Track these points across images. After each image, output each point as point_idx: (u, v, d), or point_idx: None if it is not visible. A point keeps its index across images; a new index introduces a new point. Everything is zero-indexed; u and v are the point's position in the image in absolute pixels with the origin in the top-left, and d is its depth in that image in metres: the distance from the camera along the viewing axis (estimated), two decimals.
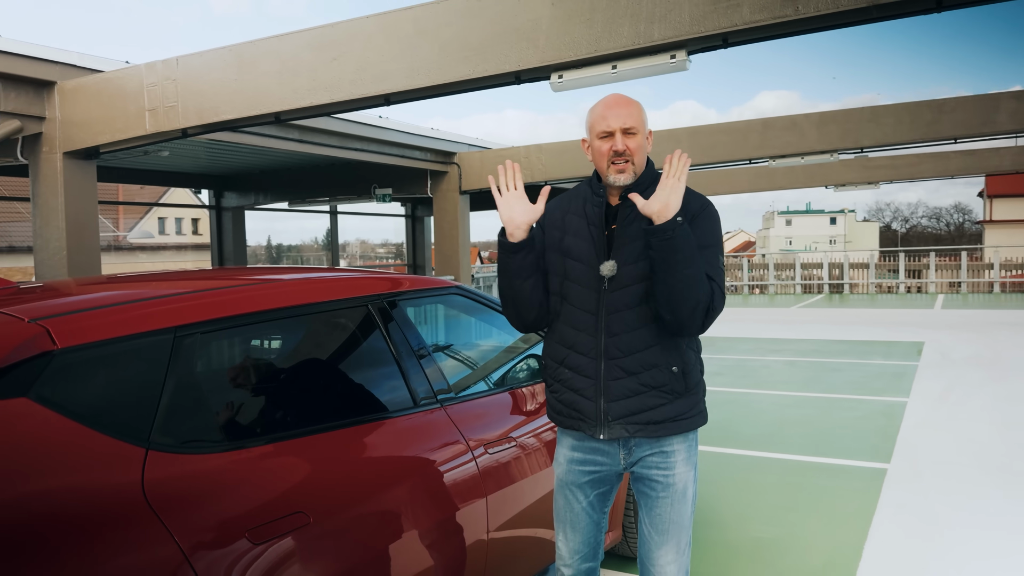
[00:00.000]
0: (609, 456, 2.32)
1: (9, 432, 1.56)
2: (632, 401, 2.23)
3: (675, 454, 2.30)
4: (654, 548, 2.32)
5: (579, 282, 2.27)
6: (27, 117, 5.55)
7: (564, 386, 2.31)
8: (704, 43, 3.48)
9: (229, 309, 2.10)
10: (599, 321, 2.24)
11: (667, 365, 2.24)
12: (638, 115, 2.25)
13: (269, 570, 1.79)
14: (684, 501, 2.32)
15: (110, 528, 1.57)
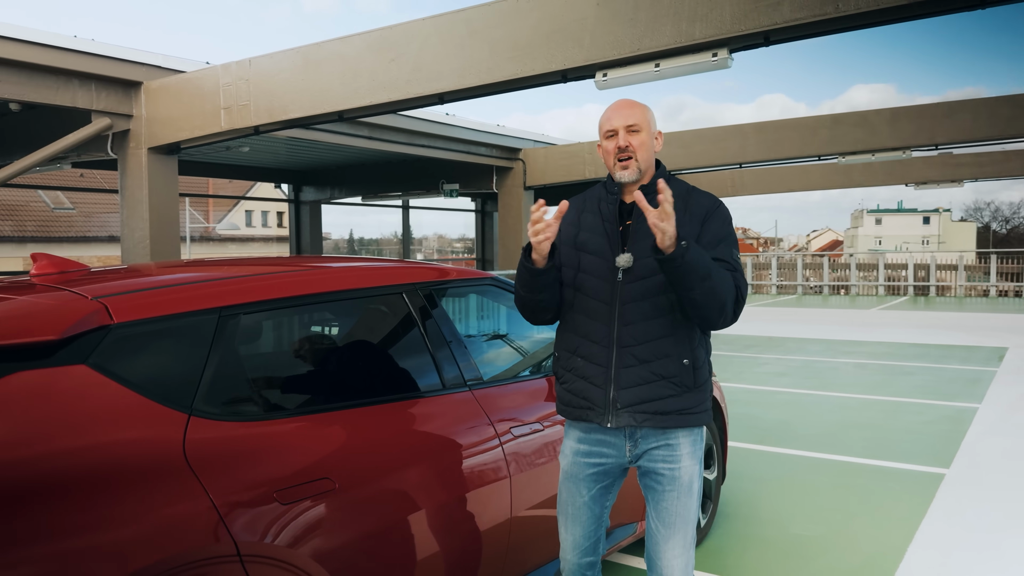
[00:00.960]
0: (615, 448, 2.38)
1: (69, 394, 1.79)
2: (642, 389, 2.30)
3: (680, 447, 2.36)
4: (661, 542, 2.37)
5: (594, 274, 2.36)
6: (116, 115, 5.98)
7: (575, 375, 2.39)
8: (745, 41, 3.51)
9: (269, 293, 2.30)
10: (613, 310, 2.32)
11: (679, 357, 2.31)
12: (642, 115, 2.36)
13: (295, 529, 1.97)
14: (690, 495, 2.37)
15: (153, 481, 1.78)
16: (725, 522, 4.39)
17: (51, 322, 1.85)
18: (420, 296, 2.74)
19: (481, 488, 2.57)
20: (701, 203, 2.39)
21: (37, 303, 1.97)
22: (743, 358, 10.77)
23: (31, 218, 27.59)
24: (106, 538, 1.65)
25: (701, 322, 2.31)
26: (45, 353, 1.80)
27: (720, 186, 13.61)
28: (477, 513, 2.54)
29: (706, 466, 4.18)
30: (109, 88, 5.94)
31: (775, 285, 25.33)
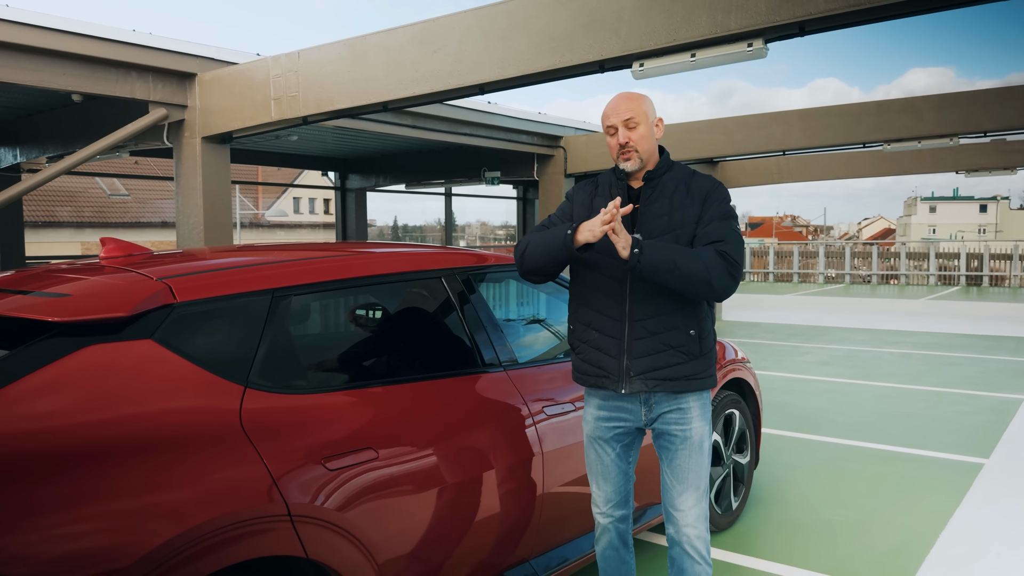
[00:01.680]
0: (631, 413, 2.58)
1: (137, 366, 1.96)
2: (653, 358, 2.49)
3: (691, 410, 2.55)
4: (676, 496, 2.57)
5: (606, 254, 2.52)
6: (172, 105, 6.23)
7: (590, 346, 2.57)
8: (780, 31, 3.55)
9: (318, 276, 2.46)
10: (625, 287, 2.51)
11: (686, 328, 2.51)
12: (639, 109, 2.54)
13: (340, 494, 2.13)
14: (701, 452, 2.56)
15: (212, 446, 1.95)
16: (757, 506, 4.46)
17: (121, 300, 2.03)
18: (458, 280, 2.88)
19: (513, 463, 2.70)
20: (702, 185, 2.60)
21: (108, 283, 2.15)
22: (785, 347, 10.73)
23: (88, 204, 28.50)
24: (169, 496, 1.82)
25: (698, 298, 2.52)
26: (116, 328, 1.98)
27: (765, 173, 13.46)
28: (509, 487, 2.68)
29: (739, 450, 4.26)
30: (165, 80, 6.18)
31: (822, 274, 24.94)
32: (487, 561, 2.63)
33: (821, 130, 8.31)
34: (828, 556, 3.76)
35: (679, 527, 2.58)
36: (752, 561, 3.72)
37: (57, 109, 8.08)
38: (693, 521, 2.56)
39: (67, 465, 1.74)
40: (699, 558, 2.57)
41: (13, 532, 1.59)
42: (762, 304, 17.29)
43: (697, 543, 2.56)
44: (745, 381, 4.32)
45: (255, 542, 1.91)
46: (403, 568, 2.30)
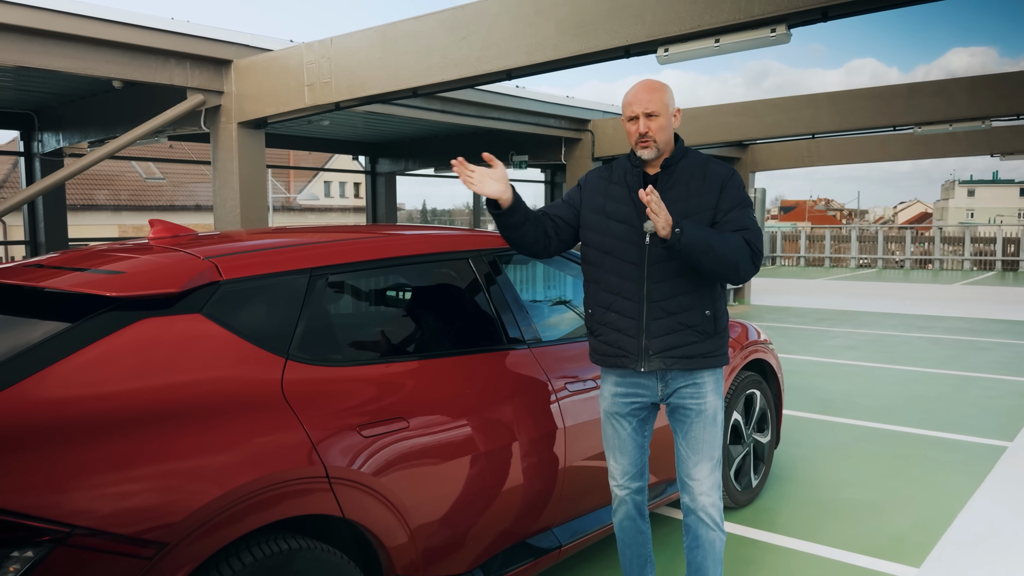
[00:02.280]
0: (648, 388, 2.69)
1: (186, 337, 2.12)
2: (670, 338, 2.60)
3: (705, 385, 2.66)
4: (691, 466, 2.68)
5: (623, 239, 2.63)
6: (209, 91, 6.42)
7: (610, 328, 2.68)
8: (803, 17, 3.59)
9: (352, 256, 2.60)
10: (642, 270, 2.61)
11: (701, 308, 2.61)
12: (660, 100, 2.61)
13: (373, 459, 2.27)
14: (715, 425, 2.68)
15: (256, 412, 2.10)
16: (778, 484, 4.55)
17: (172, 278, 2.18)
18: (485, 262, 3.00)
19: (537, 436, 2.83)
20: (718, 172, 2.67)
21: (160, 262, 2.31)
22: (813, 331, 10.71)
23: (125, 187, 29.06)
24: (216, 458, 1.97)
25: (722, 281, 2.65)
26: (167, 303, 2.14)
27: (796, 156, 13.39)
28: (533, 458, 2.81)
29: (759, 430, 4.35)
30: (202, 66, 6.36)
31: (855, 259, 24.67)
32: (511, 528, 2.77)
33: (851, 113, 8.28)
34: (846, 533, 3.84)
35: (694, 496, 2.69)
36: (771, 536, 3.82)
37: (98, 95, 8.33)
38: (707, 490, 2.67)
39: (125, 428, 1.89)
40: (713, 525, 2.68)
41: (78, 488, 1.75)
42: (792, 288, 17.20)
43: (711, 511, 2.67)
44: (767, 362, 4.40)
45: (296, 501, 2.07)
46: (433, 531, 2.44)
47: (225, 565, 1.92)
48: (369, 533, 2.25)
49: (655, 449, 3.06)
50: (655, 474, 3.50)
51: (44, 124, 9.52)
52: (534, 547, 2.86)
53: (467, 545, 2.59)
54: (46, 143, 9.54)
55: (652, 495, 3.52)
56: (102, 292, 2.10)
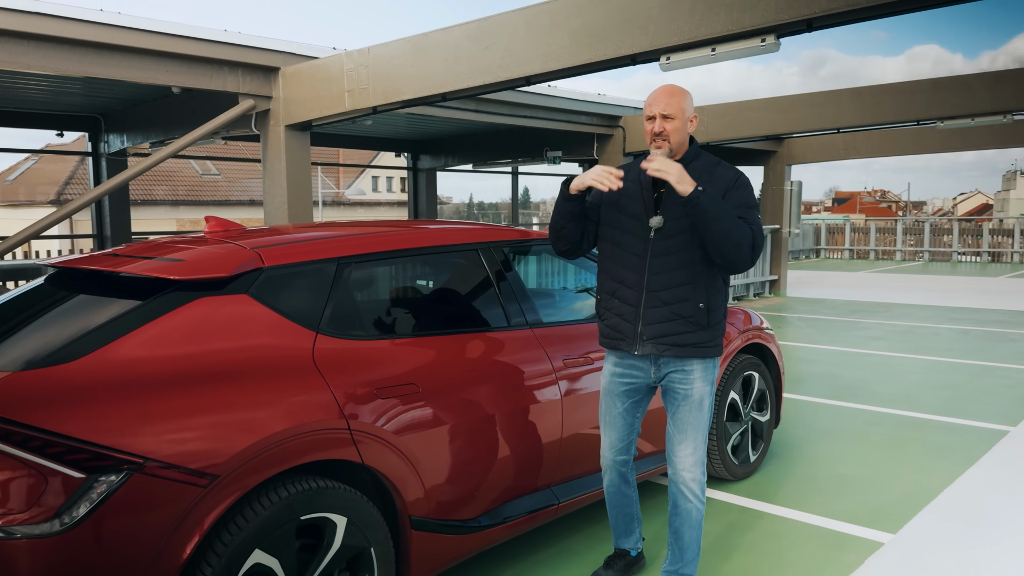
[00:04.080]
0: (642, 371, 3.01)
1: (236, 313, 2.58)
2: (664, 326, 2.91)
3: (693, 372, 2.95)
4: (676, 444, 3.01)
5: (630, 232, 2.95)
6: (259, 97, 6.96)
7: (612, 313, 3.01)
8: (789, 28, 3.91)
9: (375, 247, 3.05)
10: (645, 262, 2.91)
11: (695, 301, 2.89)
12: (678, 104, 2.91)
13: (388, 417, 2.71)
14: (700, 409, 2.97)
15: (291, 375, 2.56)
16: (776, 461, 4.87)
17: (224, 264, 2.65)
18: (492, 252, 3.42)
19: (536, 405, 3.24)
20: (724, 176, 2.94)
21: (213, 251, 2.78)
22: (843, 322, 10.86)
23: (182, 184, 30.27)
24: (257, 409, 2.42)
25: (725, 264, 2.85)
26: (220, 285, 2.61)
27: (831, 149, 13.47)
28: (532, 424, 3.22)
29: (759, 409, 4.68)
30: (253, 73, 6.91)
31: (900, 251, 24.38)
32: (513, 483, 3.19)
33: (874, 108, 8.44)
34: (833, 504, 4.16)
35: (677, 470, 3.01)
36: (762, 505, 4.16)
37: (159, 100, 8.99)
38: (689, 467, 2.98)
39: (184, 384, 2.36)
40: (692, 497, 3.00)
41: (149, 430, 2.22)
42: (831, 281, 17.20)
43: (692, 485, 2.98)
44: (767, 347, 4.72)
45: (323, 448, 2.51)
46: (441, 481, 2.87)
47: (265, 497, 2.38)
48: (385, 479, 2.70)
49: (653, 424, 3.43)
50: (653, 444, 3.88)
51: (109, 126, 10.25)
52: (534, 502, 3.28)
53: (472, 495, 3.02)
54: (111, 144, 10.28)
55: (649, 464, 3.89)
56: (167, 276, 2.58)
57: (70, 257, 3.03)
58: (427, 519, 2.83)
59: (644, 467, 3.83)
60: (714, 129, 10.01)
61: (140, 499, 2.16)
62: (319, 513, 2.48)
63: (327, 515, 2.50)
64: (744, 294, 13.80)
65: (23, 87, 8.30)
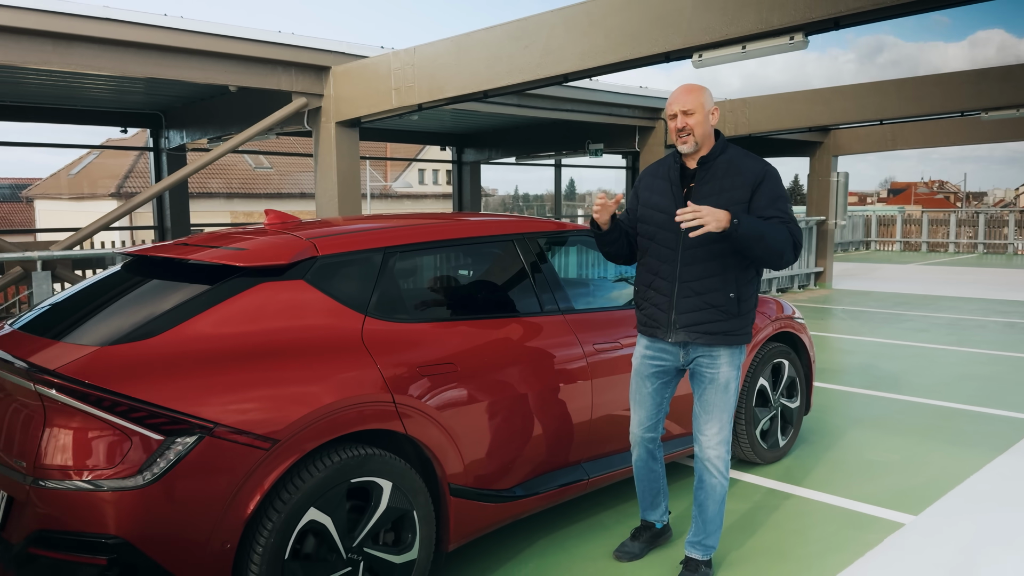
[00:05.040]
0: (672, 355, 3.21)
1: (293, 297, 2.86)
2: (695, 315, 3.09)
3: (720, 358, 3.13)
4: (702, 423, 3.20)
5: (663, 227, 3.13)
6: (311, 95, 7.29)
7: (649, 303, 3.21)
8: (817, 26, 4.04)
9: (418, 238, 3.30)
10: (677, 255, 3.10)
11: (725, 291, 3.07)
12: (697, 100, 3.07)
13: (429, 393, 2.96)
14: (726, 392, 3.15)
15: (341, 353, 2.82)
16: (807, 447, 5.01)
17: (283, 252, 2.93)
18: (526, 243, 3.65)
19: (568, 385, 3.47)
20: (752, 170, 3.08)
21: (273, 241, 3.07)
22: (888, 314, 10.81)
23: (236, 177, 31.12)
24: (311, 384, 2.69)
25: (764, 266, 3.05)
26: (280, 272, 2.88)
27: (879, 139, 13.33)
28: (563, 403, 3.44)
29: (788, 396, 4.82)
30: (305, 73, 7.24)
31: (953, 243, 23.85)
32: (545, 458, 3.41)
33: (919, 99, 8.41)
34: (859, 487, 4.29)
35: (703, 448, 3.20)
36: (791, 488, 4.31)
37: (216, 98, 9.41)
38: (714, 445, 3.17)
39: (248, 359, 2.64)
40: (717, 473, 3.19)
41: (219, 399, 2.50)
42: (880, 274, 16.99)
43: (717, 462, 3.17)
44: (797, 336, 4.85)
45: (370, 418, 2.77)
46: (478, 453, 3.12)
47: (320, 461, 2.65)
48: (426, 449, 2.95)
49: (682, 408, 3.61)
50: (682, 427, 4.07)
51: (170, 123, 10.74)
52: (565, 476, 3.50)
53: (507, 467, 3.26)
54: (172, 139, 10.77)
55: (677, 446, 4.08)
56: (232, 263, 2.86)
57: (144, 246, 3.35)
58: (465, 487, 3.08)
59: (672, 448, 4.02)
60: (757, 121, 10.05)
61: (210, 460, 2.45)
62: (367, 477, 2.75)
63: (374, 479, 2.77)
64: (788, 286, 13.77)
65: (89, 87, 8.78)
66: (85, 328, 2.77)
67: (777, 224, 2.95)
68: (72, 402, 2.39)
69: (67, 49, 6.09)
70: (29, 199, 32.30)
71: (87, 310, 2.95)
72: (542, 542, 3.64)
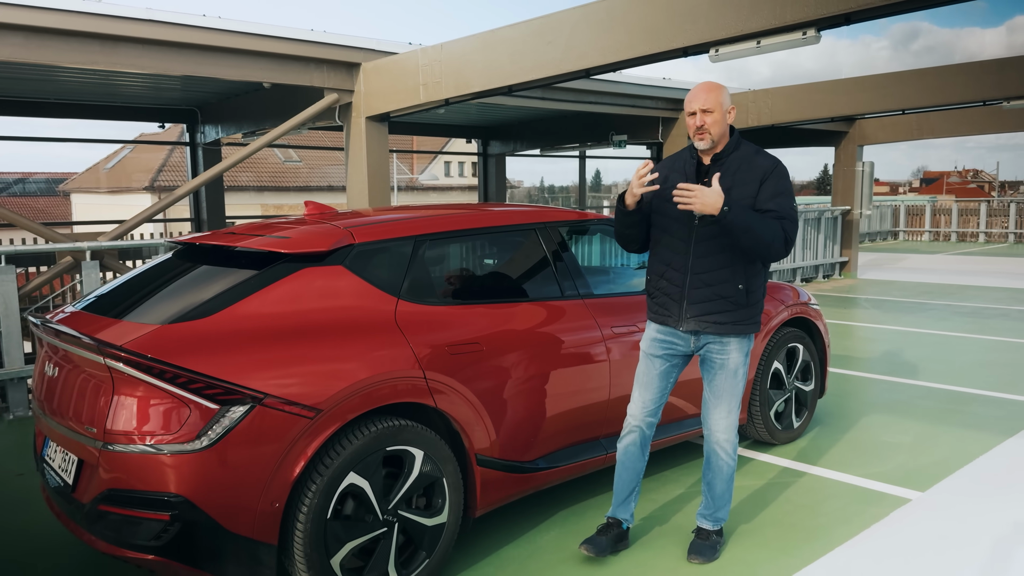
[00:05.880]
0: (682, 340, 3.35)
1: (333, 281, 3.10)
2: (706, 305, 3.24)
3: (729, 345, 3.28)
4: (711, 408, 3.36)
5: (677, 219, 3.26)
6: (342, 91, 7.55)
7: (661, 292, 3.34)
8: (829, 22, 4.19)
9: (446, 227, 3.53)
10: (689, 247, 3.23)
11: (735, 283, 3.22)
12: (715, 99, 3.21)
13: (456, 370, 3.19)
14: (735, 378, 3.31)
15: (376, 333, 3.06)
16: (821, 428, 5.18)
17: (323, 240, 3.18)
18: (548, 232, 3.87)
19: (586, 365, 3.68)
20: (762, 165, 3.22)
21: (314, 230, 3.31)
22: (910, 304, 10.86)
23: (266, 170, 31.66)
24: (348, 361, 2.94)
25: (758, 258, 3.21)
26: (320, 258, 3.13)
27: (905, 129, 13.31)
28: (583, 382, 3.66)
29: (804, 379, 4.99)
30: (337, 69, 7.50)
31: (984, 233, 23.60)
32: (566, 433, 3.64)
33: (940, 89, 8.46)
34: (870, 466, 4.46)
35: (712, 431, 3.37)
36: (804, 466, 4.49)
37: (250, 93, 9.72)
38: (723, 428, 3.34)
39: (293, 336, 2.89)
40: (724, 455, 3.36)
41: (268, 372, 2.76)
42: (906, 263, 16.94)
43: (725, 444, 3.34)
44: (812, 322, 5.01)
45: (403, 392, 3.02)
46: (503, 426, 3.35)
47: (358, 430, 2.90)
48: (454, 421, 3.19)
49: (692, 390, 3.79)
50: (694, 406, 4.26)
51: (205, 118, 11.10)
52: (585, 451, 3.72)
53: (530, 441, 3.49)
54: (207, 134, 11.12)
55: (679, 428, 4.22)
56: (277, 250, 3.12)
57: (194, 235, 3.63)
58: (491, 458, 3.32)
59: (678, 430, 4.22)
60: (779, 111, 10.14)
61: (260, 427, 2.71)
62: (401, 446, 3.00)
63: (408, 448, 3.01)
64: (813, 275, 13.83)
65: (128, 84, 9.13)
66: (145, 308, 3.05)
67: (771, 219, 3.09)
68: (137, 374, 2.66)
69: (112, 49, 6.40)
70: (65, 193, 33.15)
71: (144, 293, 3.23)
72: (563, 512, 3.87)
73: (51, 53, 6.11)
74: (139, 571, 3.32)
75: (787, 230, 3.13)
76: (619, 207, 3.34)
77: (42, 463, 3.21)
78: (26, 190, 33.41)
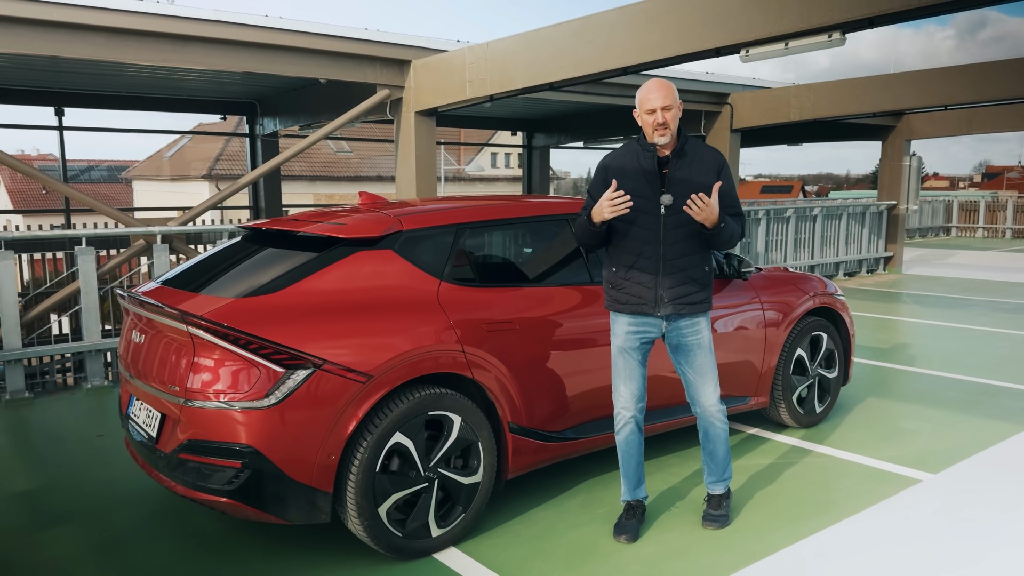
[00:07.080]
0: (656, 327, 3.52)
1: (382, 264, 3.47)
2: (680, 288, 3.45)
3: (700, 323, 3.53)
4: (700, 387, 3.57)
5: (644, 211, 3.41)
6: (393, 87, 7.94)
7: (632, 282, 3.46)
8: (853, 25, 4.40)
9: (486, 216, 3.87)
10: (659, 235, 3.41)
11: (702, 265, 3.48)
12: (671, 95, 3.37)
13: (492, 345, 3.54)
14: (710, 353, 3.56)
15: (421, 311, 3.42)
16: (843, 414, 5.39)
17: (376, 227, 3.55)
18: None
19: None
20: (715, 157, 3.48)
21: (368, 217, 3.69)
22: (951, 299, 10.85)
23: (319, 160, 32.41)
24: (394, 335, 3.30)
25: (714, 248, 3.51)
26: (373, 243, 3.50)
27: (955, 123, 13.18)
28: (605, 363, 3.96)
29: (827, 366, 5.21)
30: (388, 66, 7.89)
31: (1009, 229, 23.07)
32: (591, 408, 3.96)
33: (982, 84, 8.49)
34: (886, 450, 4.67)
35: (704, 407, 3.59)
36: (822, 448, 4.73)
37: (307, 88, 10.20)
38: (714, 401, 3.57)
39: (349, 311, 3.27)
40: (719, 423, 3.60)
41: (328, 342, 3.14)
42: (954, 260, 16.73)
43: (717, 414, 3.58)
44: (836, 312, 5.23)
45: (443, 364, 3.38)
46: (534, 398, 3.69)
47: (404, 395, 3.27)
48: (489, 392, 3.54)
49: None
50: None
51: (264, 111, 11.63)
52: (609, 424, 4.02)
53: (558, 412, 3.82)
54: (266, 126, 11.66)
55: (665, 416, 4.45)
56: (335, 235, 3.50)
57: (261, 220, 4.04)
58: (522, 426, 3.66)
59: None
60: (820, 106, 10.24)
61: (320, 389, 3.10)
62: (441, 411, 3.36)
63: (447, 413, 3.38)
64: (856, 270, 13.82)
65: (192, 78, 9.68)
66: (220, 284, 3.46)
67: (735, 221, 3.41)
68: (215, 340, 3.07)
69: (183, 48, 6.90)
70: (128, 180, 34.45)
71: (218, 271, 3.65)
72: (589, 481, 4.19)
73: (129, 52, 6.63)
74: (209, 514, 3.75)
75: (742, 226, 3.50)
76: (587, 225, 3.43)
77: (127, 420, 3.66)
78: (92, 177, 34.82)
